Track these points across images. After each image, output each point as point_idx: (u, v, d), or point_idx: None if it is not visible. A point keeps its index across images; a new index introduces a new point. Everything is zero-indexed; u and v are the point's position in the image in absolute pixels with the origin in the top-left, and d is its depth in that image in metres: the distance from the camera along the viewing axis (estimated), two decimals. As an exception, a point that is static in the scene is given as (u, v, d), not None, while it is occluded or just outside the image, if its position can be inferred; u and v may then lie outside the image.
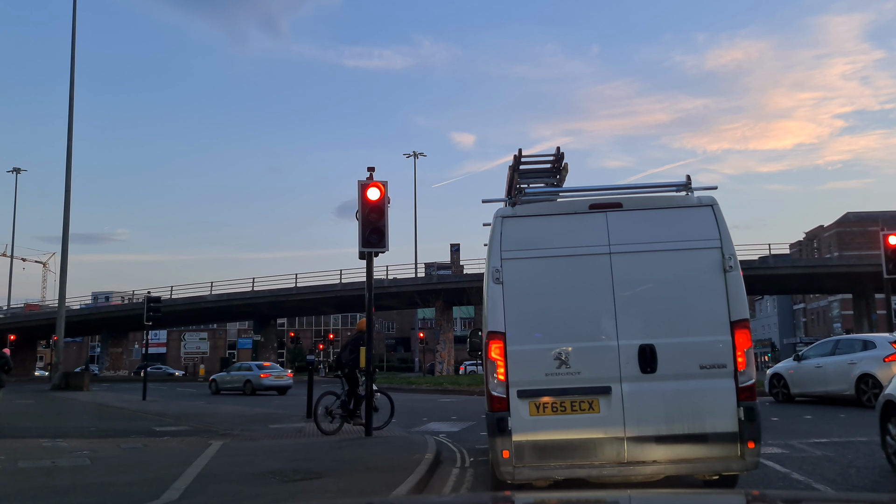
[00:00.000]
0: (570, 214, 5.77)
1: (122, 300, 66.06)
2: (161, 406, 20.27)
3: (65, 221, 35.36)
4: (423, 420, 14.77)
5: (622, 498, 2.64)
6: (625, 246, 5.57)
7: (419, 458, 8.24)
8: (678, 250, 5.54)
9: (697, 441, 5.28)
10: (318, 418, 11.54)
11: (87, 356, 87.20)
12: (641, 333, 5.42)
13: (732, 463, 5.27)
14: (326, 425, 11.50)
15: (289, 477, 7.17)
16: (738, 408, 5.26)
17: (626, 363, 5.38)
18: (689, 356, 5.37)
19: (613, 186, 6.10)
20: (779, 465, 7.59)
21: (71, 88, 35.37)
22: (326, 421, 11.58)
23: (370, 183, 10.93)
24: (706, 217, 5.61)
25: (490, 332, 5.54)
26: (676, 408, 5.31)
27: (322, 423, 11.50)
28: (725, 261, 5.46)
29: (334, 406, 11.77)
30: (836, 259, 58.25)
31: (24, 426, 14.04)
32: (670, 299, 5.48)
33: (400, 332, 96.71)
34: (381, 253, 11.10)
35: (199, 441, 10.80)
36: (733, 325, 5.37)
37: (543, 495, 4.29)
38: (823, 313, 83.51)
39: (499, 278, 5.55)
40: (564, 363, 5.41)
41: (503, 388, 5.41)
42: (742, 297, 5.44)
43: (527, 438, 5.32)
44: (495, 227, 5.74)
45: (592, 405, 5.36)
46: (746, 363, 5.32)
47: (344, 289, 51.62)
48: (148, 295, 26.78)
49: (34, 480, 7.18)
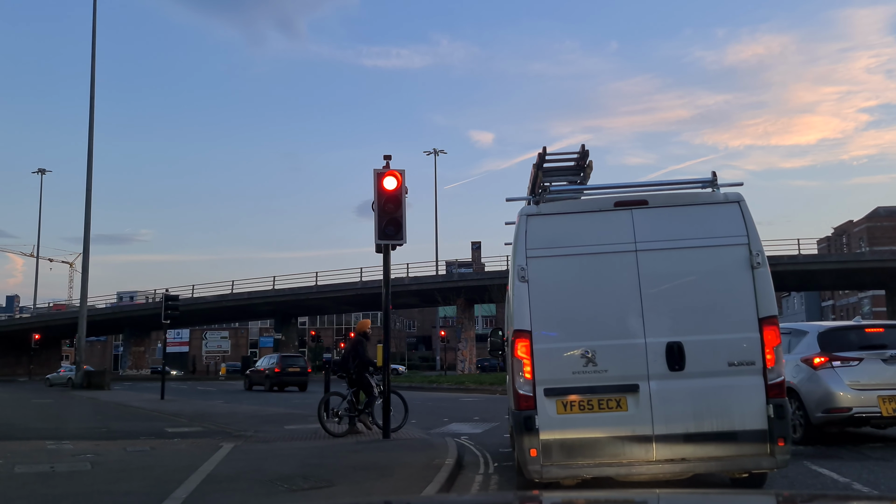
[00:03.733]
0: (596, 212, 5.71)
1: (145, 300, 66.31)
2: (178, 406, 19.93)
3: (86, 222, 35.46)
4: (444, 421, 14.22)
5: (651, 497, 2.58)
6: (651, 243, 5.52)
7: (439, 464, 7.68)
8: (705, 247, 5.49)
9: (727, 439, 5.24)
10: (323, 419, 11.03)
11: (110, 355, 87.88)
12: (669, 331, 5.37)
13: (762, 461, 5.23)
14: (333, 427, 10.99)
15: (298, 485, 6.64)
16: (767, 405, 5.23)
17: (654, 361, 5.34)
18: (717, 354, 5.33)
19: (638, 184, 6.05)
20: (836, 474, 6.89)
21: (91, 90, 35.47)
22: (332, 422, 11.07)
23: (386, 171, 10.36)
24: (733, 213, 5.56)
25: (516, 331, 5.49)
26: (705, 405, 5.27)
27: (327, 424, 11.00)
28: (753, 257, 5.40)
29: (340, 407, 11.24)
30: (869, 254, 56.72)
31: (35, 427, 13.72)
32: (698, 297, 5.45)
33: (421, 331, 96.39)
34: (398, 245, 10.52)
35: (210, 443, 10.33)
36: (762, 322, 5.32)
37: (571, 494, 4.28)
38: (853, 310, 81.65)
39: (524, 276, 5.50)
40: (591, 361, 5.36)
41: (530, 386, 5.35)
42: (770, 294, 5.40)
43: (554, 437, 5.28)
44: (520, 225, 5.69)
45: (620, 403, 5.32)
46: (775, 360, 5.27)
47: (364, 287, 51.26)
48: (165, 293, 26.52)
49: (26, 488, 6.72)
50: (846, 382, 8.39)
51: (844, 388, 8.35)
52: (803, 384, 8.68)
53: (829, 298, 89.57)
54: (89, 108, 35.38)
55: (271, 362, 32.48)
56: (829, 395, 8.39)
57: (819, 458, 7.55)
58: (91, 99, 35.52)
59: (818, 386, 8.51)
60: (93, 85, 35.63)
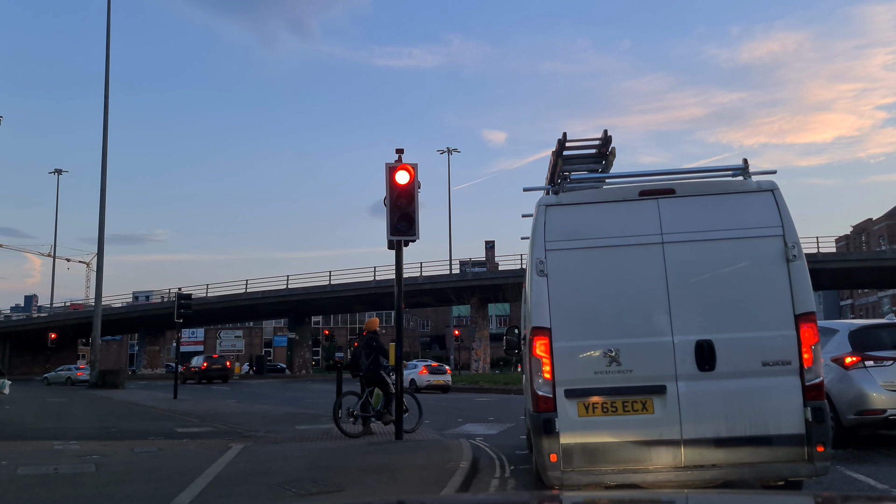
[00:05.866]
0: (619, 202, 5.38)
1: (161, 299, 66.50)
2: (190, 405, 19.80)
3: (100, 222, 35.55)
4: (458, 421, 13.95)
5: (678, 497, 2.41)
6: (679, 235, 5.20)
7: (454, 467, 7.39)
8: (737, 239, 5.16)
9: (761, 444, 4.91)
10: (340, 420, 10.84)
11: (126, 354, 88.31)
12: (698, 328, 5.05)
13: (800, 468, 4.88)
14: (349, 427, 10.83)
15: (306, 489, 6.37)
16: (804, 408, 4.89)
17: (682, 360, 5.02)
18: (750, 352, 5.00)
19: (664, 171, 5.68)
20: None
21: (106, 91, 35.60)
22: (349, 423, 10.91)
23: (399, 166, 10.08)
24: (767, 203, 5.22)
25: (534, 328, 5.15)
26: (737, 408, 4.95)
27: (343, 424, 10.82)
28: (789, 249, 5.07)
29: (356, 407, 11.04)
30: (889, 252, 55.70)
31: (45, 426, 13.59)
32: (729, 291, 5.10)
33: (435, 330, 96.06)
34: (411, 241, 10.23)
35: (219, 444, 10.11)
36: (798, 319, 5.00)
37: (593, 494, 4.08)
38: (873, 309, 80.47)
39: (543, 270, 5.18)
40: (615, 360, 5.06)
41: (549, 387, 5.05)
42: (807, 289, 5.07)
43: (575, 441, 4.99)
44: (538, 216, 5.37)
45: (646, 405, 5.02)
46: (813, 360, 4.95)
47: (378, 286, 51.06)
48: (178, 292, 26.42)
49: (25, 491, 6.50)
50: (880, 383, 8.03)
51: (878, 389, 7.99)
52: (834, 385, 8.28)
53: (847, 298, 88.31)
54: (104, 109, 35.58)
55: (200, 361, 43.68)
56: (861, 397, 8.03)
57: (853, 463, 7.19)
58: (105, 100, 35.67)
59: (850, 387, 8.14)
60: (107, 86, 35.79)
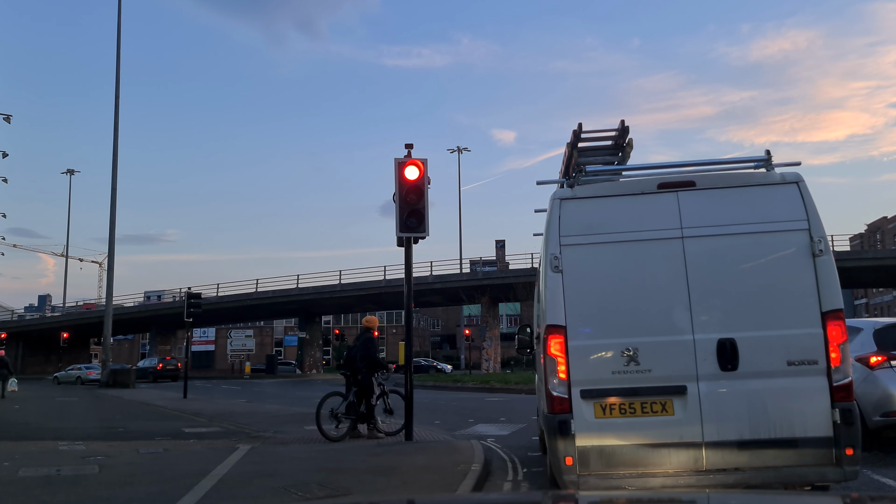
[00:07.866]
0: (637, 195, 5.18)
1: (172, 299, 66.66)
2: (199, 405, 19.69)
3: (111, 223, 35.58)
4: (469, 422, 13.72)
5: (700, 497, 2.35)
6: (699, 229, 5.01)
7: (465, 469, 7.18)
8: (760, 233, 4.97)
9: (786, 447, 4.73)
10: (322, 421, 10.19)
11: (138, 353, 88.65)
12: (720, 326, 4.86)
13: (827, 472, 4.69)
14: (331, 430, 10.18)
15: (313, 493, 6.17)
16: (832, 409, 4.70)
17: (704, 360, 4.83)
18: (774, 351, 4.81)
19: (684, 163, 5.48)
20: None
21: (116, 91, 35.62)
22: (331, 425, 10.24)
23: (408, 161, 9.86)
24: (791, 196, 5.02)
25: (549, 326, 4.97)
26: (761, 409, 4.77)
27: (325, 426, 10.16)
28: (815, 244, 4.87)
29: (340, 409, 10.40)
30: (906, 250, 55.07)
31: (52, 426, 13.50)
32: (752, 288, 4.90)
33: (445, 330, 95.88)
34: (420, 238, 10.02)
35: (226, 445, 9.95)
36: (825, 317, 4.80)
37: (610, 493, 4.00)
38: (888, 308, 79.57)
39: (557, 266, 5.01)
40: (633, 360, 4.88)
41: (564, 387, 4.88)
42: (835, 285, 4.85)
43: (592, 443, 4.82)
44: (552, 210, 5.20)
45: (666, 407, 4.84)
46: (841, 359, 4.75)
47: (388, 285, 50.88)
48: (188, 291, 26.34)
49: (26, 493, 6.33)
50: None
51: None
52: (859, 385, 7.93)
53: (862, 297, 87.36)
54: (114, 109, 35.59)
55: (153, 363, 47.85)
56: (888, 397, 7.74)
57: (881, 467, 6.93)
58: (116, 101, 35.70)
59: (876, 387, 7.85)
60: (118, 87, 35.81)
